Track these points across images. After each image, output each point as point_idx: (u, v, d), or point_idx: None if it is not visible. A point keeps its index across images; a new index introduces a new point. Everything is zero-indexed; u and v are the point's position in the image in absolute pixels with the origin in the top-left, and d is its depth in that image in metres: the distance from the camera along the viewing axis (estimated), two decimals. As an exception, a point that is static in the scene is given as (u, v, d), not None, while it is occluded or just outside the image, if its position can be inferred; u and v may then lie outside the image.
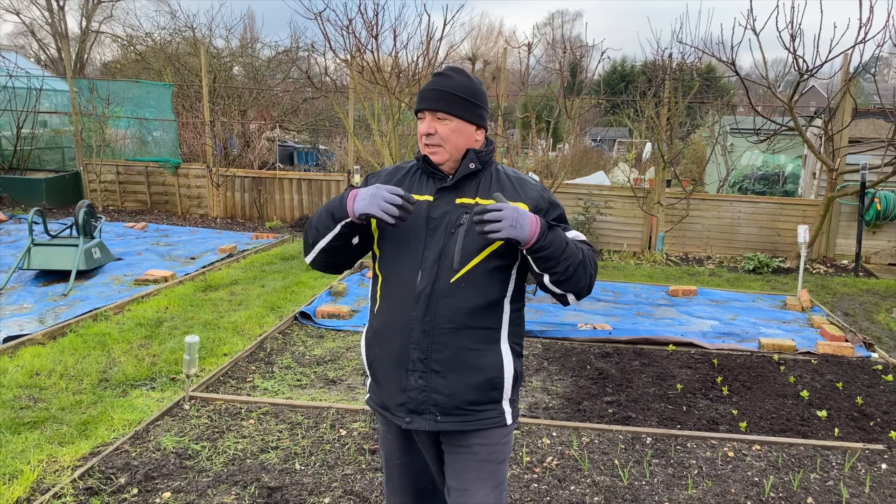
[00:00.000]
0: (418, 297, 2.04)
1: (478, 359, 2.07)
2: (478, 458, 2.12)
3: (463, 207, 2.07)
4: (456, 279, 2.04)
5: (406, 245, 2.09)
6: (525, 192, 2.11)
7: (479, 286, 2.05)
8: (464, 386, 2.06)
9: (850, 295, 8.22)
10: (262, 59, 19.47)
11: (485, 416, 2.11)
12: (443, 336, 2.04)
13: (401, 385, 2.09)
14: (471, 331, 2.06)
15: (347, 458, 3.83)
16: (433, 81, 2.10)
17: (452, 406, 2.07)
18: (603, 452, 3.98)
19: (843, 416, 4.59)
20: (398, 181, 2.17)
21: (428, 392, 2.07)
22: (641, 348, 5.86)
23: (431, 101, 2.07)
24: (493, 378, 2.09)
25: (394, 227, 2.03)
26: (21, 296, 6.79)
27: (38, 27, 32.41)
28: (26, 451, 3.78)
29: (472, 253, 2.04)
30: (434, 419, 2.08)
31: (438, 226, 2.07)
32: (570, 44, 10.04)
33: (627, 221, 10.66)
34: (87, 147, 12.53)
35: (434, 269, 2.04)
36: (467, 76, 2.11)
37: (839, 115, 9.60)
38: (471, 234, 2.03)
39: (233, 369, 5.14)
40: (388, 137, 9.37)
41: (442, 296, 2.04)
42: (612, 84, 29.58)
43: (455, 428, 2.09)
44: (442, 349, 2.05)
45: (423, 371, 2.06)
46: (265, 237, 10.44)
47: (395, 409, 2.12)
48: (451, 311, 2.04)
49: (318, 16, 9.04)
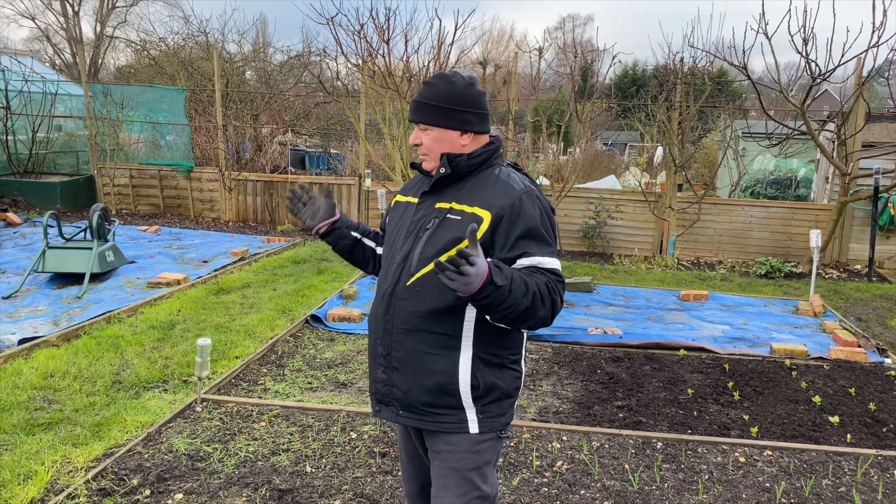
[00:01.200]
0: (383, 297, 2.16)
1: (431, 363, 2.09)
2: (446, 466, 2.13)
3: (438, 212, 2.12)
4: (411, 282, 2.09)
5: (392, 245, 2.23)
6: (496, 198, 2.04)
7: (433, 291, 2.05)
8: (417, 386, 2.12)
9: (864, 300, 8.16)
10: (274, 63, 19.57)
11: (441, 420, 2.12)
12: (398, 335, 2.12)
13: (374, 376, 2.24)
14: (425, 334, 2.09)
15: (358, 460, 3.84)
16: (421, 91, 2.18)
17: (409, 403, 2.15)
18: (613, 457, 3.97)
19: (856, 421, 4.56)
20: (411, 183, 2.36)
21: (390, 386, 2.17)
22: (652, 353, 5.85)
23: (412, 113, 2.19)
24: (445, 384, 2.08)
25: (294, 214, 2.39)
26: (36, 298, 6.85)
27: (54, 32, 32.75)
28: (41, 451, 3.82)
29: (430, 258, 2.05)
30: (396, 412, 2.18)
31: (414, 229, 2.16)
32: (582, 48, 10.03)
33: (638, 226, 10.64)
34: (101, 151, 12.64)
35: (398, 272, 2.13)
36: (450, 82, 2.13)
37: (852, 119, 9.54)
38: (433, 239, 2.08)
39: (244, 372, 5.17)
40: (399, 142, 9.40)
41: (399, 297, 2.12)
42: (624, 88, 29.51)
43: (414, 424, 2.18)
44: (398, 348, 2.13)
45: (385, 366, 2.17)
46: (277, 241, 10.49)
47: (371, 396, 2.29)
48: (405, 313, 2.11)
49: (330, 21, 9.10)
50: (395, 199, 2.37)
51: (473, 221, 2.02)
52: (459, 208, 2.09)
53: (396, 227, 2.24)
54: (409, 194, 2.30)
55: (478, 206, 2.06)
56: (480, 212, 2.05)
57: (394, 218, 2.31)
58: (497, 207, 2.03)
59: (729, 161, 13.23)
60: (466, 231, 1.81)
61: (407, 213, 2.23)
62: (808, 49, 8.65)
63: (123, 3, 32.76)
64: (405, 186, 2.38)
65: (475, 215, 2.05)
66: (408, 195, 2.30)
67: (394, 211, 2.34)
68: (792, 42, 8.65)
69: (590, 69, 9.97)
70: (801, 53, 8.70)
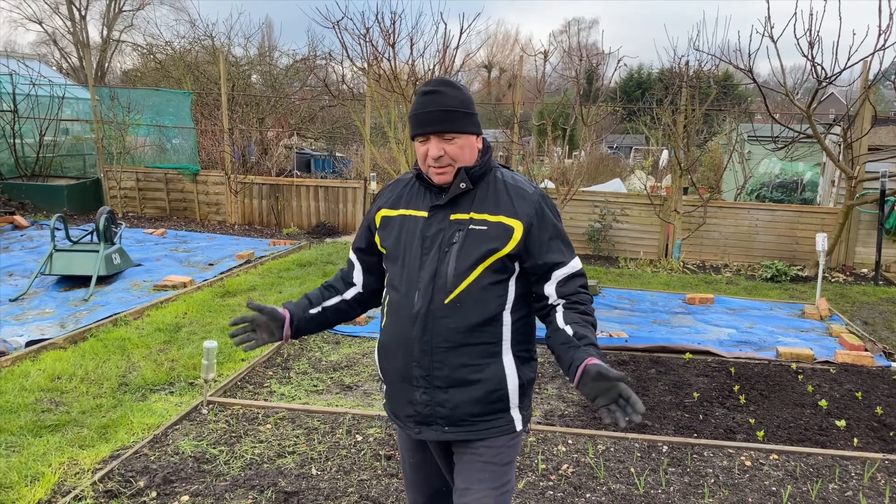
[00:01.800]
0: (415, 318, 2.04)
1: (477, 373, 2.06)
2: (482, 460, 2.12)
3: (457, 224, 2.05)
4: (450, 300, 2.03)
5: (404, 264, 2.09)
6: (521, 206, 2.07)
7: (474, 304, 2.03)
8: (465, 400, 2.07)
9: (870, 304, 8.14)
10: (280, 67, 19.63)
11: (492, 426, 2.11)
12: (440, 355, 2.04)
13: (408, 398, 2.12)
14: (469, 348, 2.05)
15: (363, 463, 3.85)
16: (429, 100, 2.02)
17: (457, 418, 2.08)
18: (619, 460, 3.97)
19: (863, 425, 4.55)
20: (397, 195, 2.19)
21: (433, 406, 2.08)
22: (658, 356, 5.84)
23: (436, 123, 2.02)
24: (495, 390, 2.08)
25: (254, 344, 2.24)
26: (43, 301, 6.89)
27: (61, 36, 32.91)
28: (48, 453, 3.83)
29: (465, 272, 2.02)
30: (441, 430, 2.11)
31: (433, 244, 2.06)
32: (587, 51, 10.03)
33: (644, 229, 10.63)
34: (107, 154, 12.71)
35: (429, 290, 2.03)
36: (457, 87, 2.06)
37: (858, 123, 9.52)
38: (464, 253, 2.02)
39: (250, 374, 5.19)
40: (405, 145, 9.41)
41: (437, 316, 2.03)
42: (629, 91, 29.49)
43: (462, 437, 2.11)
44: (441, 367, 2.05)
45: (426, 387, 2.08)
46: (282, 244, 10.51)
47: (405, 419, 2.16)
48: (447, 331, 2.03)
49: (336, 24, 9.12)
50: (383, 214, 2.19)
51: (502, 231, 2.03)
52: (481, 218, 2.05)
53: (401, 244, 2.11)
54: (404, 207, 2.15)
55: (503, 216, 2.04)
56: (509, 221, 2.04)
57: (390, 234, 2.15)
58: (525, 215, 2.05)
59: (734, 164, 13.22)
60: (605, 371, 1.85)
61: (412, 228, 2.10)
62: (813, 52, 8.63)
63: (130, 7, 32.91)
64: (389, 200, 2.20)
65: (502, 224, 2.04)
66: (400, 208, 2.16)
67: (387, 227, 2.17)
68: (798, 45, 8.64)
69: (595, 72, 9.97)
70: (807, 57, 8.68)
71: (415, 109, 2.06)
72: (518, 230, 2.03)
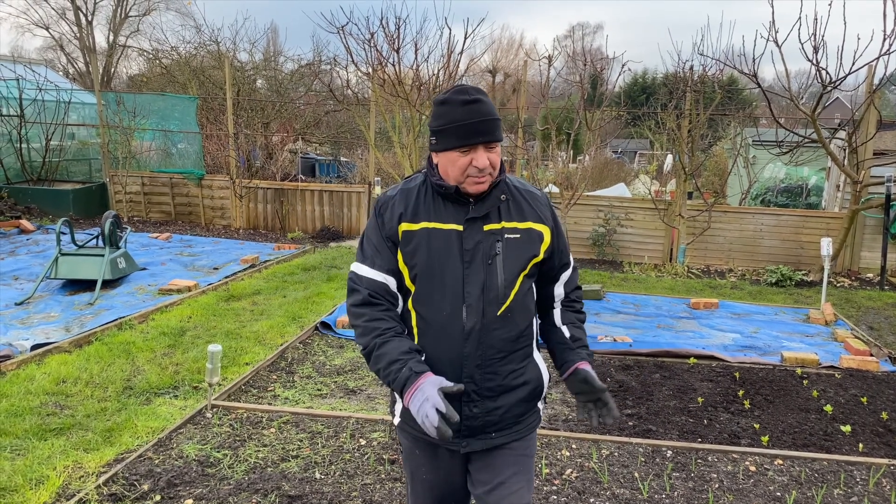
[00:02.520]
0: (468, 335, 2.01)
1: (523, 376, 2.13)
2: (515, 454, 2.16)
3: (493, 235, 2.03)
4: (502, 311, 2.04)
5: (443, 280, 2.01)
6: (541, 210, 2.13)
7: (521, 312, 2.09)
8: (514, 402, 2.12)
9: (875, 309, 8.11)
10: (285, 72, 19.69)
11: (530, 420, 2.19)
12: (494, 366, 2.06)
13: (460, 413, 2.03)
14: (515, 353, 2.10)
15: (367, 467, 3.85)
16: (475, 110, 1.94)
17: (505, 423, 2.13)
18: (623, 465, 3.96)
19: (868, 431, 4.53)
20: (413, 207, 2.05)
21: (482, 417, 2.09)
22: (662, 361, 5.83)
23: (487, 134, 1.96)
24: (536, 388, 2.17)
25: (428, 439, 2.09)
26: (48, 304, 6.91)
27: (67, 41, 33.11)
28: (52, 457, 3.84)
29: (513, 281, 2.05)
30: (489, 438, 2.12)
31: (474, 258, 2.01)
32: (591, 56, 10.06)
33: (648, 233, 10.62)
34: (113, 159, 12.76)
35: (480, 304, 2.00)
36: (485, 94, 2.03)
37: (863, 127, 9.50)
38: (508, 263, 2.03)
39: (254, 378, 5.19)
40: (409, 149, 9.43)
41: (490, 329, 2.03)
42: (634, 96, 29.51)
43: (508, 440, 2.14)
44: (493, 377, 2.07)
45: (477, 400, 2.08)
46: (287, 248, 10.53)
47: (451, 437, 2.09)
48: (500, 342, 2.05)
49: (341, 30, 9.16)
50: (405, 229, 2.04)
51: (535, 236, 2.08)
52: (511, 226, 2.06)
53: (435, 260, 2.01)
54: (425, 220, 2.04)
55: (531, 221, 2.08)
56: (538, 226, 2.09)
57: (417, 250, 2.02)
58: (548, 219, 2.13)
59: (739, 169, 13.19)
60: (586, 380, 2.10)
61: (444, 242, 2.01)
62: (818, 57, 8.62)
63: (136, 13, 33.10)
64: (407, 212, 2.05)
65: (532, 230, 2.08)
66: (420, 221, 2.04)
67: (411, 243, 2.03)
68: (802, 50, 8.64)
69: (599, 77, 9.99)
70: (812, 61, 8.67)
71: (459, 119, 1.95)
72: (546, 234, 2.11)
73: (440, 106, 2.01)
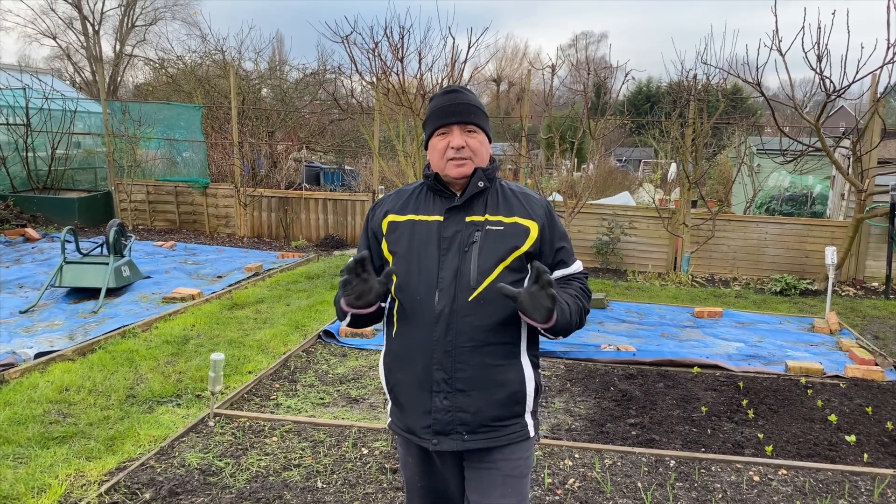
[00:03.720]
0: (438, 318, 2.03)
1: (500, 374, 2.07)
2: (502, 474, 2.11)
3: (474, 225, 2.09)
4: (474, 297, 2.03)
5: (419, 266, 2.08)
6: (532, 208, 2.15)
7: (496, 302, 2.04)
8: (489, 402, 2.06)
9: (881, 318, 8.07)
10: (289, 81, 19.78)
11: (510, 431, 2.11)
12: (464, 355, 2.04)
13: (425, 407, 2.08)
14: (492, 347, 2.06)
15: (369, 476, 3.84)
16: (452, 97, 2.11)
17: (478, 424, 2.07)
18: (626, 475, 3.94)
19: (873, 441, 4.50)
20: (403, 203, 2.19)
21: (454, 412, 2.06)
22: (666, 370, 5.81)
23: (463, 115, 2.09)
24: (517, 392, 2.10)
25: (345, 286, 2.00)
26: (52, 312, 6.93)
27: (74, 51, 33.33)
28: (55, 465, 3.85)
29: (488, 269, 2.04)
30: (461, 438, 2.08)
31: (451, 245, 2.07)
32: (595, 65, 10.06)
33: (652, 242, 10.60)
34: (118, 167, 12.82)
35: (451, 289, 2.04)
36: (473, 93, 2.18)
37: (868, 136, 9.49)
38: (485, 251, 2.05)
39: (257, 387, 5.19)
40: (413, 158, 9.45)
41: (461, 315, 2.03)
42: (637, 104, 29.55)
43: (482, 445, 2.09)
44: (465, 368, 2.04)
45: (447, 391, 2.05)
46: (291, 256, 10.55)
47: (421, 431, 2.11)
48: (471, 329, 2.03)
49: (346, 39, 9.19)
50: (391, 220, 2.16)
51: (520, 230, 2.09)
52: (496, 219, 2.09)
53: (414, 247, 2.09)
54: (413, 213, 2.14)
55: (518, 217, 2.10)
56: (525, 222, 2.10)
57: (401, 238, 2.13)
58: (539, 217, 2.13)
59: (744, 177, 13.18)
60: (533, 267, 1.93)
61: (426, 231, 2.10)
62: (822, 66, 8.63)
63: (143, 23, 33.33)
64: (395, 206, 2.19)
65: (518, 225, 2.09)
66: (408, 214, 2.15)
67: (396, 232, 2.14)
68: (806, 59, 8.64)
69: (603, 86, 10.00)
70: (816, 70, 8.67)
71: (436, 105, 2.12)
72: (534, 230, 2.10)
73: (429, 103, 2.18)
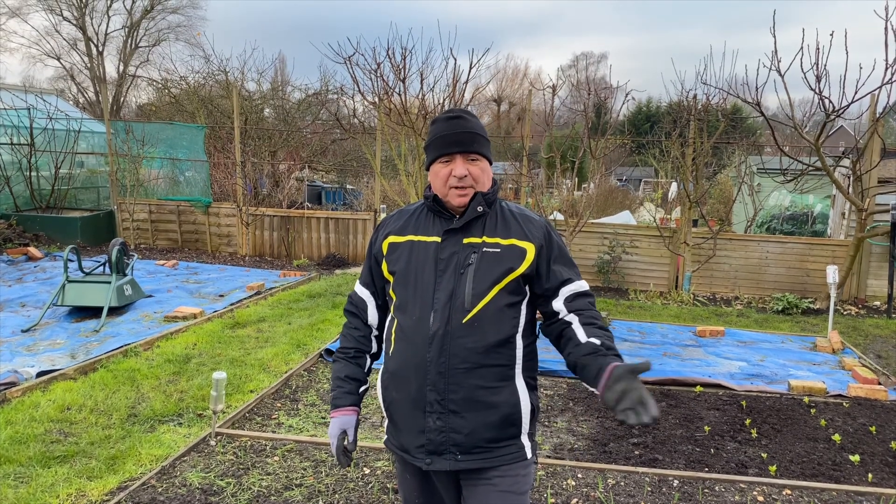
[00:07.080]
0: (432, 339, 2.04)
1: (494, 396, 2.06)
2: (498, 489, 2.10)
3: (471, 247, 2.10)
4: (468, 319, 2.04)
5: (416, 287, 2.10)
6: (530, 230, 2.15)
7: (491, 324, 2.05)
8: (482, 424, 2.06)
9: (883, 337, 8.06)
10: (292, 101, 19.91)
11: (505, 452, 2.10)
12: (458, 376, 2.04)
13: (419, 427, 2.08)
14: (485, 369, 2.05)
15: (371, 496, 3.82)
16: (455, 124, 2.11)
17: (472, 445, 2.07)
18: (629, 495, 3.92)
19: (877, 460, 4.48)
20: (403, 224, 2.21)
21: (447, 433, 2.06)
22: (668, 389, 5.79)
23: (466, 144, 2.09)
24: (511, 414, 2.09)
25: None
26: (55, 331, 6.93)
27: (78, 71, 33.61)
28: (56, 484, 3.83)
29: (483, 292, 2.05)
30: (454, 459, 2.08)
31: (447, 266, 2.08)
32: (595, 85, 10.13)
33: (654, 261, 10.61)
34: (121, 187, 12.88)
35: (446, 310, 2.05)
36: (473, 115, 2.17)
37: (867, 155, 9.53)
38: (480, 273, 2.06)
39: (259, 406, 5.18)
40: (415, 177, 9.50)
41: (455, 336, 2.03)
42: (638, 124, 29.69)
43: (476, 466, 2.08)
44: (458, 389, 2.04)
45: (440, 412, 2.05)
46: (293, 275, 10.56)
47: (415, 450, 2.11)
48: (464, 351, 2.04)
49: (348, 60, 9.28)
50: (391, 241, 2.20)
51: (516, 252, 2.09)
52: (493, 241, 2.10)
53: (412, 268, 2.12)
54: (412, 234, 2.18)
55: (515, 239, 2.11)
56: (522, 244, 2.10)
57: (399, 259, 2.16)
58: (536, 238, 2.13)
59: (744, 197, 13.22)
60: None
61: (423, 252, 2.12)
62: (821, 86, 8.68)
63: (146, 44, 33.62)
64: (395, 227, 2.23)
65: (515, 247, 2.10)
66: (408, 235, 2.18)
67: (395, 252, 2.18)
68: (805, 79, 8.70)
69: (603, 106, 10.06)
70: (815, 90, 8.73)
71: (439, 132, 2.12)
72: (531, 251, 2.10)
73: (431, 126, 2.18)
